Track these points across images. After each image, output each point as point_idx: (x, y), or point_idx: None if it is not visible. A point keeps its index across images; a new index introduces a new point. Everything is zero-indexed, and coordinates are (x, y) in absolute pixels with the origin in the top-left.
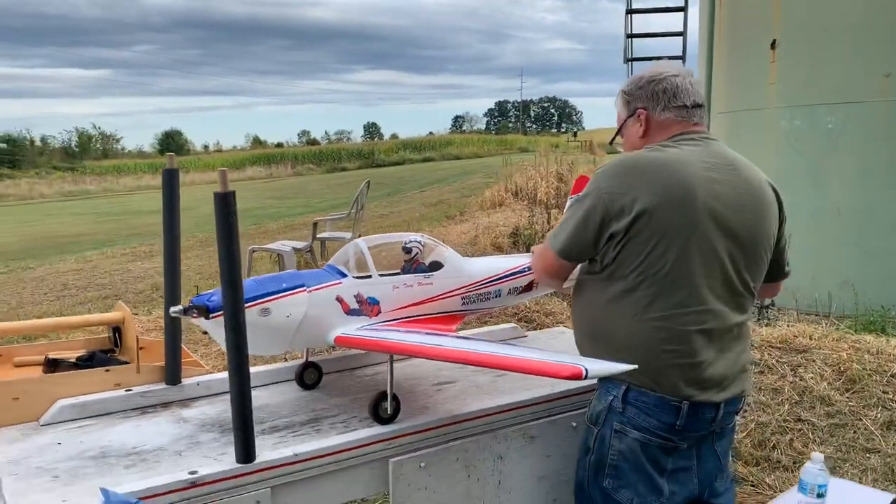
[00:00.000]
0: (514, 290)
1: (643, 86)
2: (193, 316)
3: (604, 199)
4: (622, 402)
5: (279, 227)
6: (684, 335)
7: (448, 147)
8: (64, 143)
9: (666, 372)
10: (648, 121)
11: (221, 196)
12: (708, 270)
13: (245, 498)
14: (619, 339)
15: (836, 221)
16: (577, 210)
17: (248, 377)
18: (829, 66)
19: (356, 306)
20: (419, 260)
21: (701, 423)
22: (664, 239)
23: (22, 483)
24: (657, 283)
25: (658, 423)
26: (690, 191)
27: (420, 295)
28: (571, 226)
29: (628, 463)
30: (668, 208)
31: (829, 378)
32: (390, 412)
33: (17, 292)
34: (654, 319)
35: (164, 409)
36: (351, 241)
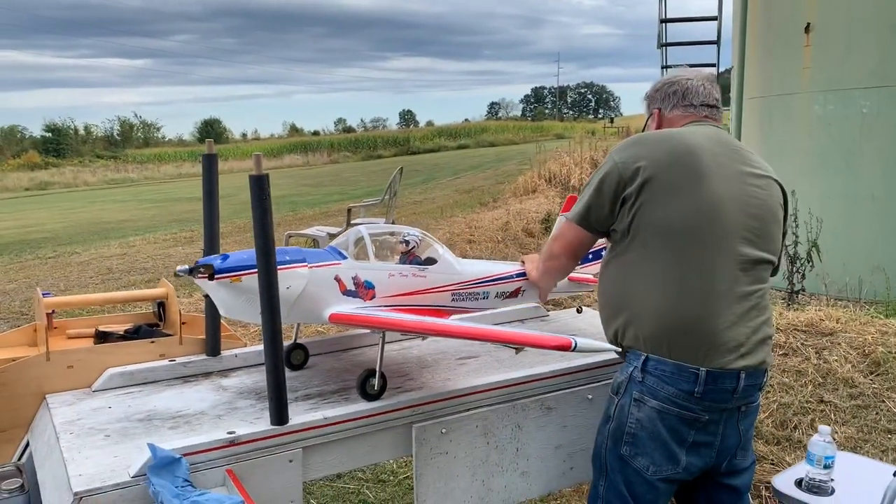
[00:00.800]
0: (501, 293)
1: (659, 88)
2: (200, 276)
3: (617, 166)
4: (641, 371)
5: (315, 214)
6: (700, 297)
7: (483, 134)
8: (107, 132)
9: (683, 337)
10: (660, 118)
11: (256, 178)
12: (722, 232)
13: (279, 457)
14: (638, 305)
15: (869, 207)
16: (591, 183)
17: (282, 346)
18: (864, 50)
19: (353, 288)
20: (415, 253)
21: (721, 393)
22: (676, 199)
23: (78, 441)
24: (672, 243)
25: (676, 391)
26: (697, 154)
27: (413, 285)
28: (587, 195)
29: (645, 431)
30: (676, 169)
31: (854, 360)
32: (377, 389)
33: (64, 276)
34: (671, 282)
35: (204, 378)
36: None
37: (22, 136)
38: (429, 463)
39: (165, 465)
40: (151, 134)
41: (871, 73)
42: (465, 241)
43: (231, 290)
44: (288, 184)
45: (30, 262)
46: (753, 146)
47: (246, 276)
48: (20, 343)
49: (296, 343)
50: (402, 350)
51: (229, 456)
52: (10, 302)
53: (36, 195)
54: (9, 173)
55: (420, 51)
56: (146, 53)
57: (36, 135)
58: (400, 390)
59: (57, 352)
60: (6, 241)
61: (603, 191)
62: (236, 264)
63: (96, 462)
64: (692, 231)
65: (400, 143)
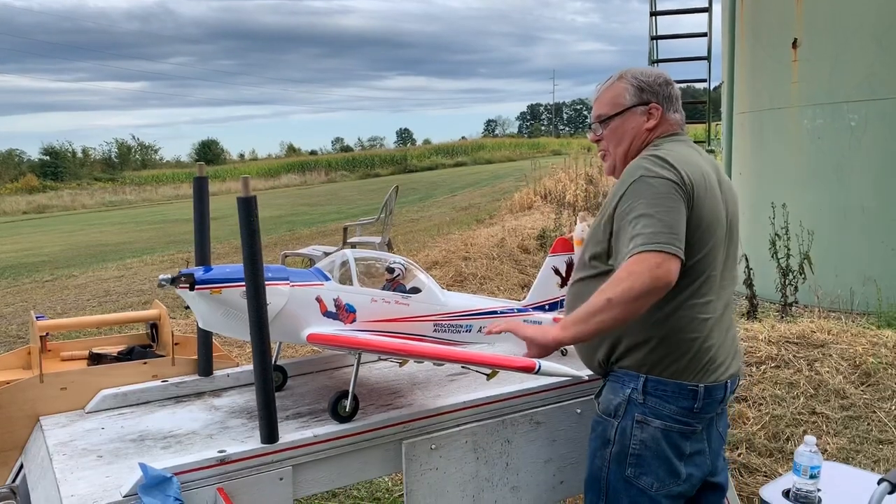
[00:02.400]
0: (484, 328)
1: (661, 84)
2: (181, 285)
3: (678, 184)
4: (642, 393)
5: (312, 233)
6: (702, 322)
7: (480, 151)
8: (104, 155)
9: (683, 359)
10: (662, 117)
11: (244, 200)
12: (724, 261)
13: (269, 475)
14: (637, 329)
15: (859, 218)
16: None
17: (271, 365)
18: (851, 64)
19: (333, 310)
20: (400, 281)
21: (713, 404)
22: (701, 230)
23: (70, 462)
24: (686, 274)
25: (678, 409)
26: (714, 188)
27: (395, 312)
28: (664, 215)
29: (650, 451)
30: (705, 203)
31: (845, 372)
32: (349, 410)
33: (61, 299)
34: (680, 309)
35: (196, 398)
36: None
37: (20, 159)
38: (419, 479)
39: (156, 484)
40: (149, 156)
41: (858, 86)
42: (460, 258)
43: (210, 301)
44: (285, 203)
45: (27, 285)
46: (744, 160)
47: (226, 289)
48: (14, 366)
49: (274, 365)
50: (392, 367)
51: (220, 474)
52: (6, 326)
53: (34, 218)
54: (7, 197)
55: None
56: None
57: (34, 158)
58: (390, 407)
59: (51, 374)
60: (4, 264)
61: (680, 210)
62: (218, 276)
63: (89, 482)
64: (705, 270)
65: (397, 161)
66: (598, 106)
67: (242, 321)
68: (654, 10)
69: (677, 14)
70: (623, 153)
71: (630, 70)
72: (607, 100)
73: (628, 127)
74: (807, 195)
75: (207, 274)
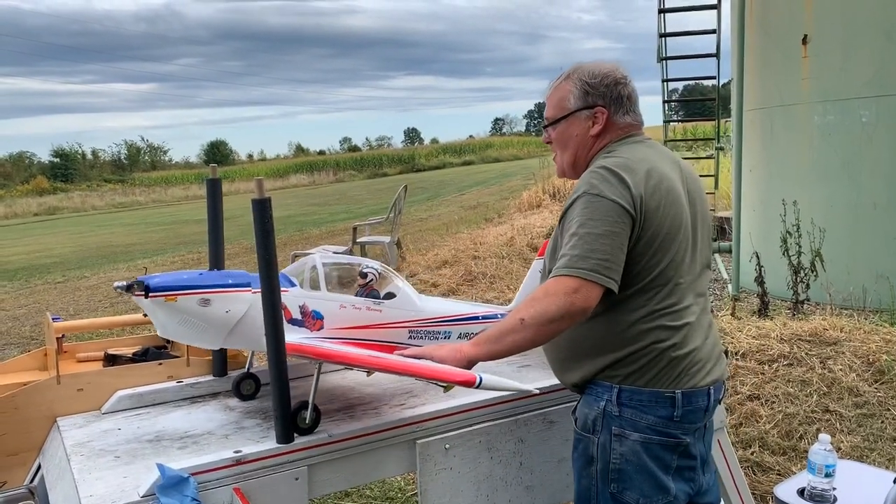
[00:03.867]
0: (465, 335)
1: (609, 85)
2: (136, 293)
3: (622, 208)
4: (617, 404)
5: (321, 234)
6: (674, 330)
7: (488, 150)
8: (114, 156)
9: (657, 366)
10: (608, 121)
11: (258, 202)
12: (690, 265)
13: (285, 475)
14: (608, 347)
15: (871, 215)
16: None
17: (286, 366)
18: (862, 60)
19: (299, 317)
20: (373, 286)
21: (696, 412)
22: (662, 245)
23: (88, 462)
24: (648, 289)
25: (655, 419)
26: (674, 191)
27: (366, 319)
28: (596, 241)
29: (631, 465)
30: (663, 212)
31: (858, 369)
32: (308, 423)
33: (73, 300)
34: (647, 320)
35: (212, 399)
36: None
37: (30, 161)
38: (433, 479)
39: (174, 484)
40: (158, 157)
41: (869, 82)
42: (470, 257)
43: (166, 309)
44: (294, 204)
45: (39, 287)
46: (755, 157)
47: (182, 297)
48: (31, 367)
49: (248, 372)
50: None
51: (236, 475)
52: (20, 327)
53: (45, 220)
54: (18, 199)
55: (422, 69)
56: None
57: (44, 160)
58: (404, 407)
59: (67, 375)
60: (16, 266)
61: (620, 237)
62: (172, 284)
63: (107, 483)
64: (671, 278)
65: (405, 160)
66: (547, 107)
67: (201, 329)
68: (662, 7)
69: (686, 11)
70: (570, 160)
71: (579, 69)
72: (554, 101)
73: (572, 133)
74: (818, 192)
75: (161, 281)
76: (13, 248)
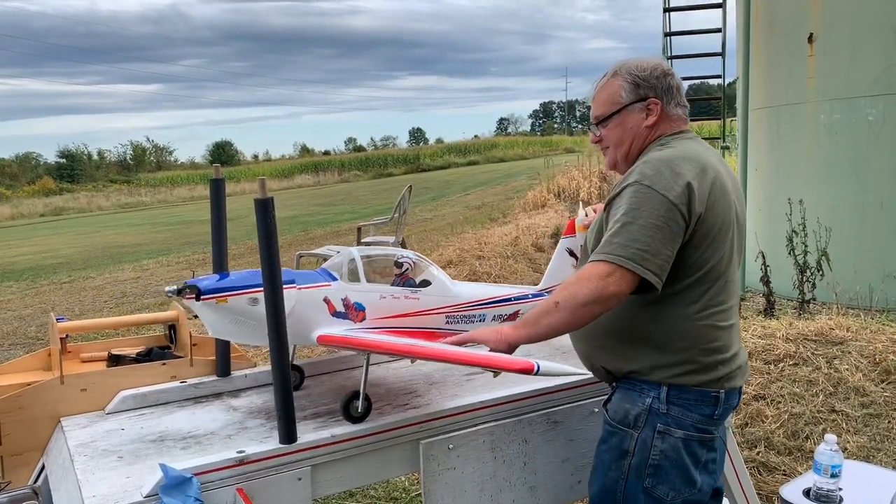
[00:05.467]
0: (498, 317)
1: (659, 76)
2: (187, 296)
3: (674, 205)
4: (665, 402)
5: (326, 234)
6: (723, 330)
7: (493, 150)
8: (119, 157)
9: (707, 369)
10: (662, 112)
11: (261, 202)
12: (735, 264)
13: (288, 475)
14: (659, 341)
15: (878, 214)
16: (637, 217)
17: (289, 366)
18: (868, 58)
19: (342, 309)
20: (409, 275)
21: (729, 410)
22: (714, 241)
23: (91, 463)
24: (703, 282)
25: (699, 417)
26: (726, 188)
27: (406, 307)
28: (643, 234)
29: (669, 461)
30: (717, 209)
31: (865, 369)
32: (361, 411)
33: (79, 300)
34: (701, 318)
35: (215, 399)
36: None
37: (37, 162)
38: (437, 479)
39: (177, 484)
40: (164, 157)
41: (876, 80)
42: (474, 257)
43: (217, 310)
44: (299, 204)
45: (45, 287)
46: (761, 156)
47: (231, 297)
48: (35, 367)
49: (292, 364)
50: (408, 367)
51: (239, 475)
52: (26, 327)
53: (51, 221)
54: (24, 199)
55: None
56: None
57: (50, 161)
58: (407, 407)
59: (71, 375)
60: (22, 266)
61: (665, 232)
62: (222, 286)
63: (110, 483)
64: (721, 271)
65: (410, 160)
66: (595, 106)
67: (251, 327)
68: (667, 7)
69: (691, 10)
70: (624, 154)
71: (625, 64)
72: (603, 99)
73: (627, 126)
74: (824, 191)
75: (212, 284)
76: (19, 249)
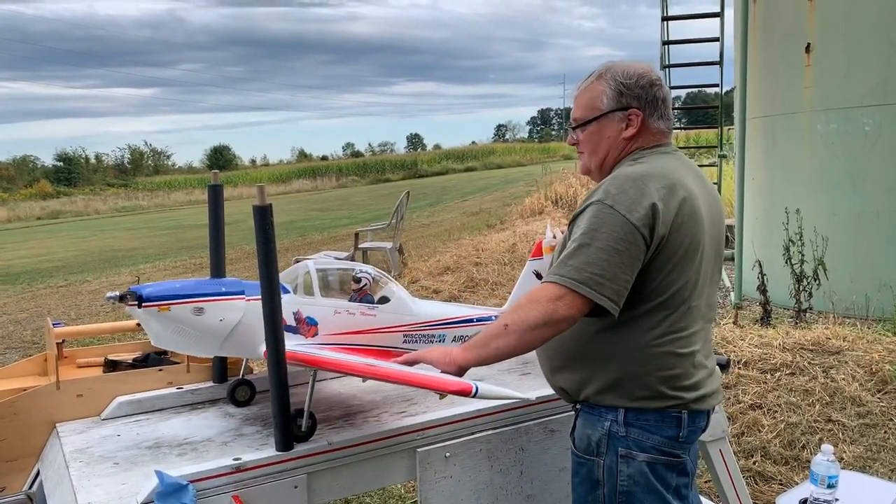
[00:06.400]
0: (459, 337)
1: (644, 86)
2: (129, 303)
3: (636, 228)
4: (623, 424)
5: (323, 239)
6: (684, 358)
7: (490, 156)
8: (117, 161)
9: (664, 395)
10: (642, 125)
11: (259, 209)
12: (703, 287)
13: (284, 483)
14: (618, 363)
15: (874, 224)
16: (594, 239)
17: (286, 373)
18: (864, 69)
19: (293, 323)
20: (367, 291)
21: (696, 432)
22: (678, 265)
23: (87, 469)
24: (664, 308)
25: (661, 440)
26: (696, 210)
27: (361, 324)
28: (597, 257)
29: (639, 486)
30: (683, 232)
31: (861, 379)
32: (304, 430)
33: (75, 304)
34: (659, 344)
35: (211, 405)
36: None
37: (34, 165)
38: (433, 487)
39: (172, 491)
40: (161, 162)
41: (872, 91)
42: (472, 263)
43: (159, 319)
44: (296, 209)
45: (41, 291)
46: (757, 166)
47: (175, 306)
48: (31, 373)
49: (243, 379)
50: None
51: (235, 482)
52: (21, 331)
53: (48, 224)
54: (21, 203)
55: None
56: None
57: (48, 164)
58: (404, 415)
59: (67, 381)
60: (18, 270)
61: (624, 256)
62: (165, 293)
63: (105, 490)
64: (685, 300)
65: (408, 166)
66: (575, 108)
67: (195, 338)
68: (665, 15)
69: (689, 19)
70: (599, 163)
71: (612, 67)
72: (584, 102)
73: (604, 135)
74: (821, 201)
75: (154, 291)
76: (16, 252)
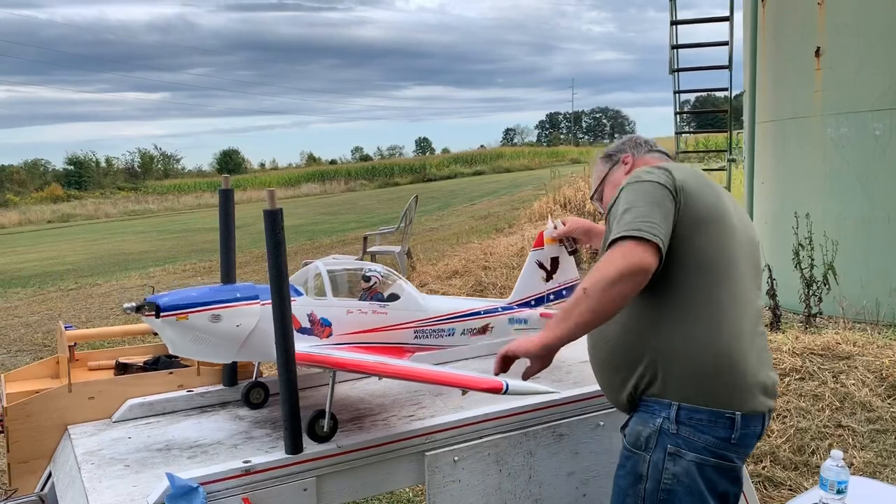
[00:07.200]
0: (468, 330)
1: (625, 141)
2: (146, 314)
3: (662, 183)
4: (675, 422)
5: (332, 243)
6: (733, 337)
7: (499, 160)
8: (127, 164)
9: (717, 381)
10: (635, 160)
11: (270, 213)
12: (745, 270)
13: (293, 485)
14: (665, 350)
15: (885, 228)
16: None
17: (296, 376)
18: (875, 73)
19: (308, 325)
20: (377, 289)
21: (751, 437)
22: (707, 228)
23: (98, 471)
24: (705, 279)
25: (713, 440)
26: (714, 184)
27: (373, 322)
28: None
29: (682, 486)
30: (706, 195)
31: (871, 384)
32: (326, 430)
33: (86, 307)
34: (704, 322)
35: (221, 408)
36: (395, 255)
37: (45, 169)
38: (442, 491)
39: (183, 494)
40: (171, 165)
41: (883, 95)
42: (480, 267)
43: (177, 328)
44: (305, 213)
45: (52, 294)
46: (767, 170)
47: (192, 314)
48: (43, 375)
49: (257, 381)
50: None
51: (245, 484)
52: (33, 334)
53: (58, 227)
54: (32, 206)
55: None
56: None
57: (58, 168)
58: (413, 418)
59: (79, 383)
60: (29, 273)
61: (663, 209)
62: (182, 302)
63: (116, 492)
64: (723, 267)
65: (416, 170)
66: (591, 188)
67: (213, 345)
68: (674, 20)
69: (698, 23)
70: None
71: (603, 150)
72: (593, 179)
73: (614, 183)
74: (830, 205)
75: (171, 300)
76: (27, 255)
